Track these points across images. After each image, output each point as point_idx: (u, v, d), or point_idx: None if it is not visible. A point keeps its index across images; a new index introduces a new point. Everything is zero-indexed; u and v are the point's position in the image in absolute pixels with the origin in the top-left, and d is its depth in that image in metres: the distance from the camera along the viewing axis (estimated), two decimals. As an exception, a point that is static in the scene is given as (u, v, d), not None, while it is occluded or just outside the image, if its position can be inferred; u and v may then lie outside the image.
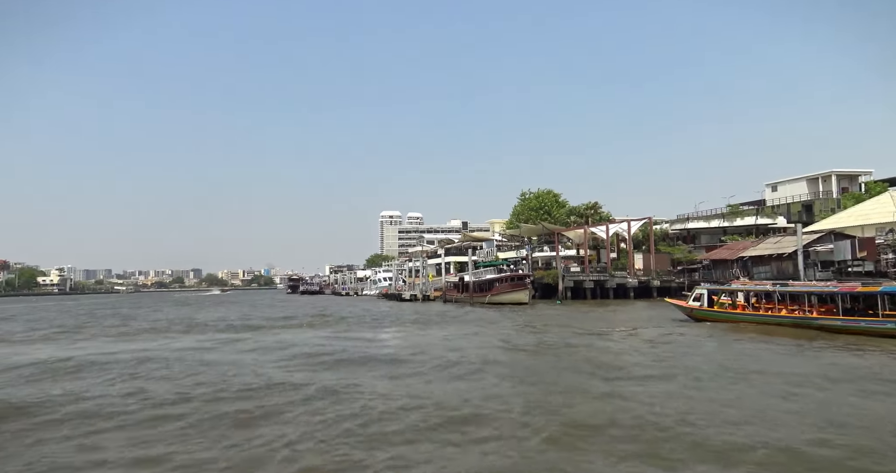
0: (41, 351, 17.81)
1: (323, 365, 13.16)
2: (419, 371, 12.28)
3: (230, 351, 16.43)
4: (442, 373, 11.98)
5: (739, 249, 33.90)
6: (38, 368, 13.69)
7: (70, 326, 29.47)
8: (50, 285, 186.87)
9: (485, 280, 41.66)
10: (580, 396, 9.54)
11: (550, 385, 10.49)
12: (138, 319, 34.36)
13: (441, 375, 11.80)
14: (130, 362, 14.21)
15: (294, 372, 12.30)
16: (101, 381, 11.74)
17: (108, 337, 22.29)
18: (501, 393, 9.91)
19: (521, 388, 10.29)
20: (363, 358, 14.21)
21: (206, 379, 11.59)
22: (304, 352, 15.51)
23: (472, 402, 9.09)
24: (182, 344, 18.86)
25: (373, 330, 22.77)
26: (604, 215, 58.11)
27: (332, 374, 11.95)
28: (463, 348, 15.75)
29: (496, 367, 12.52)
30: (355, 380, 11.10)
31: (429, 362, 13.37)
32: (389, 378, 11.48)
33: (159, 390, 10.57)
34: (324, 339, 19.29)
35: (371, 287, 75.09)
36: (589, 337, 18.43)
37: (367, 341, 18.66)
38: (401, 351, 15.44)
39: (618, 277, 46.00)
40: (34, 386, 11.38)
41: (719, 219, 55.06)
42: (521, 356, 14.53)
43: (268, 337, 20.50)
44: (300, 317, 32.08)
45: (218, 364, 13.62)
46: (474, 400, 9.19)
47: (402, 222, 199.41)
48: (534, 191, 79.46)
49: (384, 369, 12.48)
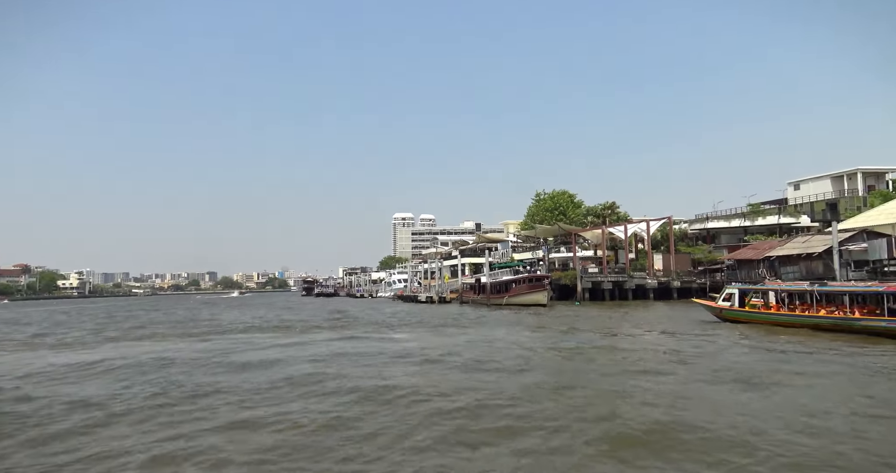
0: (173, 348, 18.10)
1: (372, 367, 13.09)
2: (456, 372, 11.94)
3: (313, 350, 16.73)
4: (478, 374, 11.61)
5: (766, 249, 33.00)
6: (192, 364, 14.11)
7: (140, 327, 29.36)
8: (69, 288, 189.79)
9: (502, 281, 41.15)
10: (622, 401, 9.06)
11: (592, 391, 9.94)
12: (194, 321, 33.76)
13: (476, 376, 11.43)
14: (262, 360, 14.62)
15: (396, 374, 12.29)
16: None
17: (192, 337, 22.44)
18: (542, 396, 9.49)
19: (565, 393, 9.84)
20: (408, 361, 13.94)
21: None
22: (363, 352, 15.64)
23: (518, 405, 8.70)
24: (258, 343, 19.28)
25: (401, 333, 22.32)
26: (621, 215, 57.28)
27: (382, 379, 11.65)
28: (493, 351, 15.28)
29: (533, 371, 12.05)
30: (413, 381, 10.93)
31: (463, 364, 12.99)
32: (436, 381, 11.15)
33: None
34: (364, 342, 19.12)
35: (386, 289, 74.86)
36: (617, 338, 17.89)
37: (397, 343, 18.33)
38: (432, 353, 15.07)
39: (637, 278, 45.22)
40: (230, 376, 12.07)
41: (740, 219, 53.92)
42: (554, 359, 13.99)
43: (314, 338, 20.72)
44: (326, 319, 31.71)
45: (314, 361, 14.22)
46: (521, 403, 8.81)
47: (414, 224, 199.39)
48: (548, 192, 78.73)
49: (434, 375, 12.06)
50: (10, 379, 12.62)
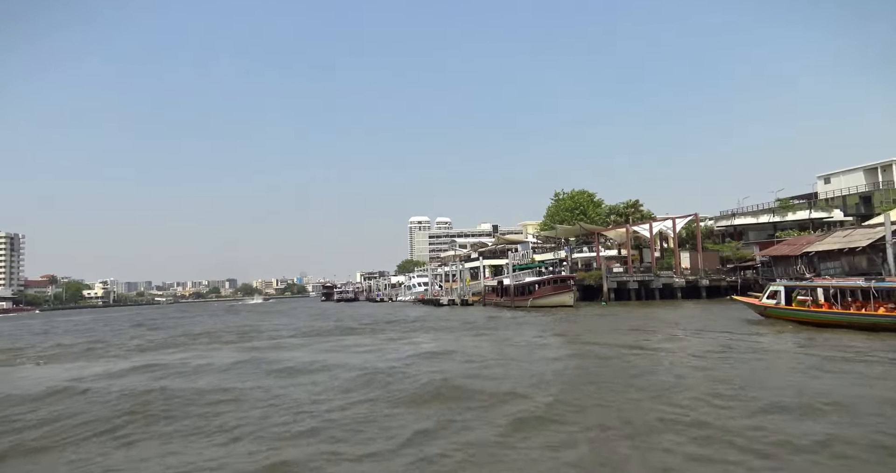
0: (278, 355, 17.84)
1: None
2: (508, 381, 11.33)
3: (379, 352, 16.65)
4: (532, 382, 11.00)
5: (803, 244, 31.72)
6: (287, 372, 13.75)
7: (202, 334, 28.52)
8: (94, 298, 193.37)
9: (526, 283, 40.37)
10: (684, 409, 8.34)
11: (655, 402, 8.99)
12: (250, 327, 32.65)
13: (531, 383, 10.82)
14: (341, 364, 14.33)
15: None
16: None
17: (263, 343, 22.02)
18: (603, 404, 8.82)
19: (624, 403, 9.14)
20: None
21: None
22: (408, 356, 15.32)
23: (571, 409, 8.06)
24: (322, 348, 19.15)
25: (437, 336, 21.69)
26: (645, 213, 56.05)
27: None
28: (535, 356, 14.52)
29: (586, 378, 11.35)
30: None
31: (512, 374, 12.32)
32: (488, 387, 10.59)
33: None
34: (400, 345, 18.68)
35: (405, 292, 74.42)
36: (658, 339, 17.03)
37: (437, 347, 17.68)
38: (474, 359, 14.41)
39: (663, 277, 44.11)
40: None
41: (769, 215, 52.37)
42: (598, 364, 13.14)
43: (354, 341, 20.39)
44: (365, 324, 31.08)
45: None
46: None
47: (430, 227, 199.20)
48: (567, 192, 77.74)
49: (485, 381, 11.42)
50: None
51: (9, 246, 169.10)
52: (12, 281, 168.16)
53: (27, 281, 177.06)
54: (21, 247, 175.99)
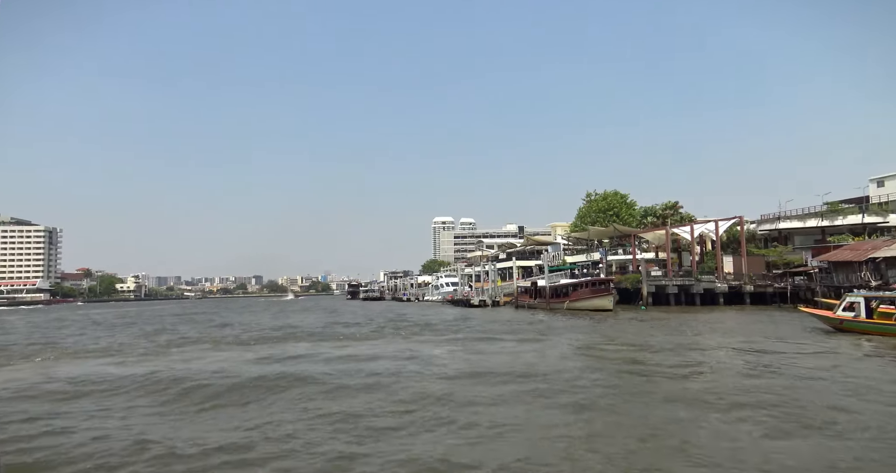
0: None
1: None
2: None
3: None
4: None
5: (868, 249, 29.76)
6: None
7: (283, 332, 27.53)
8: (127, 291, 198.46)
9: (562, 284, 39.20)
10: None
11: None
12: (321, 330, 29.31)
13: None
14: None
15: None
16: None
17: (359, 341, 21.62)
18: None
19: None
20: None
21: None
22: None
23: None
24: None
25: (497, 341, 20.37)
26: (684, 215, 54.09)
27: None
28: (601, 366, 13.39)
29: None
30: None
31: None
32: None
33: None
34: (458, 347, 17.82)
35: (433, 292, 73.77)
36: (727, 351, 15.41)
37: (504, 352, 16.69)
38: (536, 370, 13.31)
39: (705, 282, 42.36)
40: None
41: (817, 218, 49.90)
42: (668, 382, 11.59)
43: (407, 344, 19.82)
44: (409, 325, 30.11)
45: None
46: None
47: (454, 227, 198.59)
48: (600, 193, 76.07)
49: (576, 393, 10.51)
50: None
51: (47, 239, 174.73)
52: (50, 273, 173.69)
53: (63, 273, 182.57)
54: (59, 241, 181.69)
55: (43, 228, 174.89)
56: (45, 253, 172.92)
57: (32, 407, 10.20)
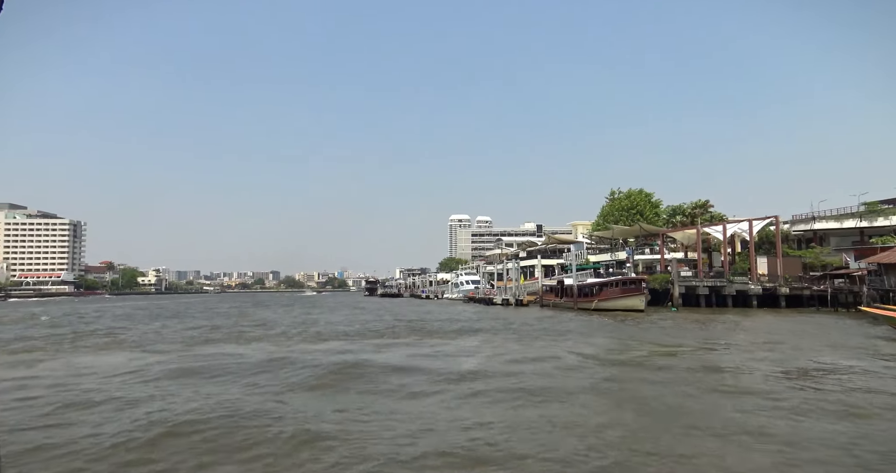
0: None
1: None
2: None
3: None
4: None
5: (923, 251, 28.29)
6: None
7: (327, 329, 26.52)
8: (148, 285, 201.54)
9: (591, 284, 38.20)
10: None
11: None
12: (364, 329, 27.10)
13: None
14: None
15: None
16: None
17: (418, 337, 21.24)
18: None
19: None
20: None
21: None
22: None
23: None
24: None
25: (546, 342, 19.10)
26: (715, 215, 52.58)
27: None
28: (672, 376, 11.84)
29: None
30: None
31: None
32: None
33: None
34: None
35: (453, 290, 73.11)
36: (804, 361, 13.67)
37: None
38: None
39: (737, 283, 41.02)
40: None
41: (854, 219, 48.12)
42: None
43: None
44: (434, 322, 29.23)
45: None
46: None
47: (471, 225, 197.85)
48: (623, 191, 74.64)
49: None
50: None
51: (72, 232, 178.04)
52: (74, 266, 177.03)
53: (87, 266, 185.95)
54: (83, 234, 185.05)
55: (68, 221, 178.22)
56: (69, 245, 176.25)
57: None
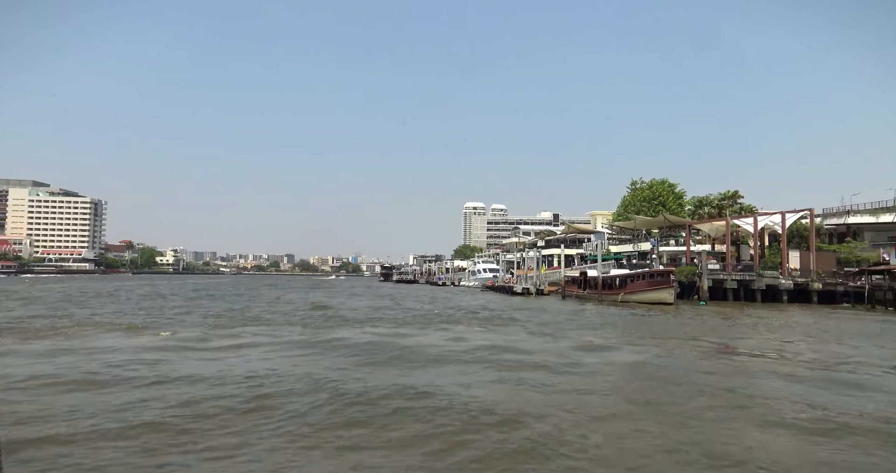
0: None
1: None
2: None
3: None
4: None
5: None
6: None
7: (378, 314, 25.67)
8: (166, 264, 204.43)
9: (617, 275, 37.30)
10: None
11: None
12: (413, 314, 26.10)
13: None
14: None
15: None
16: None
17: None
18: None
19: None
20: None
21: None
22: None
23: None
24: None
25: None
26: (744, 206, 51.05)
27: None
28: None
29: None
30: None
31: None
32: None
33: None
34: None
35: (470, 278, 72.55)
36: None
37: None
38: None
39: (767, 277, 39.83)
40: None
41: (891, 214, 46.36)
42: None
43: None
44: (468, 310, 28.36)
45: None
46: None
47: (485, 213, 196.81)
48: (646, 181, 73.00)
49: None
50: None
51: (93, 211, 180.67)
52: (94, 244, 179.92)
53: (107, 245, 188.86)
54: (103, 213, 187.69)
55: (89, 200, 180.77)
56: (90, 224, 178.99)
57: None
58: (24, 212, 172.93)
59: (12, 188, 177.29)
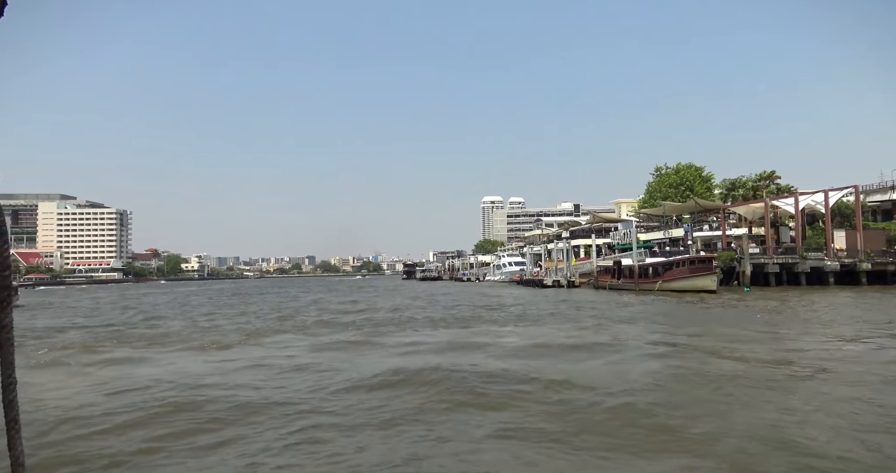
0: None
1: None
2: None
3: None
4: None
5: None
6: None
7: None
8: (191, 271, 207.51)
9: (653, 263, 36.01)
10: None
11: None
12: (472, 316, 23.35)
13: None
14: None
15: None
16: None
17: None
18: None
19: None
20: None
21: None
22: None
23: None
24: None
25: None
26: (782, 187, 49.06)
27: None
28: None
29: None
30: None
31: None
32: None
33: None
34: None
35: (495, 272, 71.57)
36: None
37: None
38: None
39: (811, 259, 38.09)
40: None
41: (940, 188, 44.09)
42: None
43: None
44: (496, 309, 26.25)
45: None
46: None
47: (503, 207, 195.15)
48: (671, 167, 71.05)
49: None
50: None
51: (118, 221, 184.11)
52: (122, 253, 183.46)
53: (134, 253, 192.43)
54: (129, 223, 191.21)
55: (115, 210, 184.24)
56: (117, 234, 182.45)
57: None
58: (54, 226, 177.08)
59: (41, 202, 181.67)
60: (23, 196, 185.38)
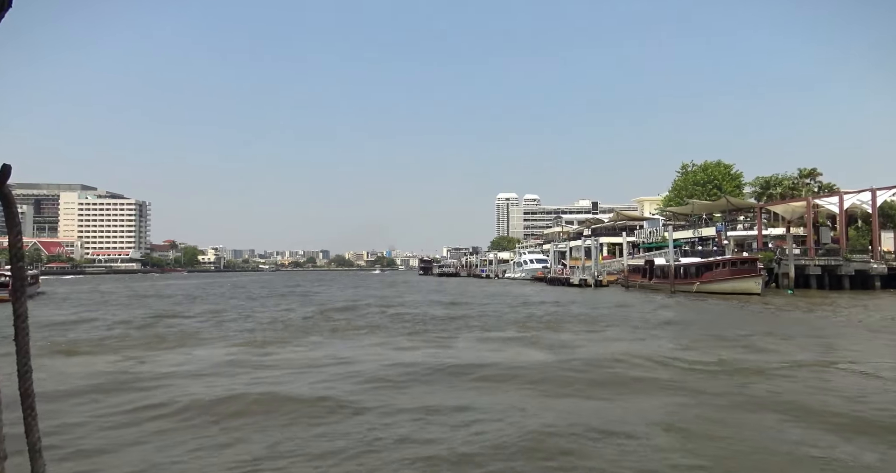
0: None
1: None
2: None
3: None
4: None
5: None
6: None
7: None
8: (207, 263, 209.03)
9: (690, 263, 34.44)
10: None
11: None
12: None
13: None
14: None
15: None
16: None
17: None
18: None
19: None
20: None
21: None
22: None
23: None
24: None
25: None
26: (823, 185, 46.95)
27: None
28: None
29: None
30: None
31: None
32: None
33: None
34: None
35: (515, 269, 70.24)
36: None
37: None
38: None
39: (856, 261, 36.23)
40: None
41: None
42: None
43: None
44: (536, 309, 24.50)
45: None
46: None
47: (518, 203, 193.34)
48: (698, 164, 69.01)
49: None
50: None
51: (138, 212, 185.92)
52: (140, 244, 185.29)
53: (152, 245, 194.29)
54: (148, 214, 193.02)
55: (134, 201, 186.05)
56: (136, 225, 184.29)
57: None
58: (75, 215, 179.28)
59: (63, 192, 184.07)
60: (45, 185, 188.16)
